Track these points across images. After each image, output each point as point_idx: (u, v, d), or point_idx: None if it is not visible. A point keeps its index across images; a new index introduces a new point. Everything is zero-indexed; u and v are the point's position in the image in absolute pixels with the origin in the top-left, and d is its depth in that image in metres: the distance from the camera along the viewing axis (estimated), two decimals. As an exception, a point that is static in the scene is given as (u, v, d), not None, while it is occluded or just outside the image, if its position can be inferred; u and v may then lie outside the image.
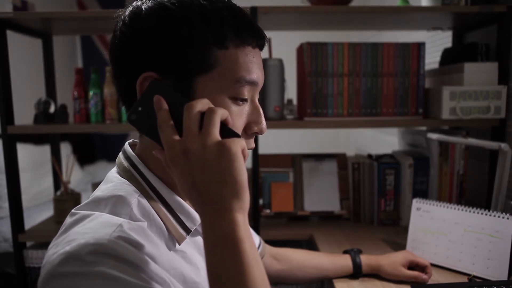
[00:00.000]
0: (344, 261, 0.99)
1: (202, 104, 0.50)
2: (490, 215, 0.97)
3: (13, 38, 1.41)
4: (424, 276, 0.93)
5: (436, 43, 1.74)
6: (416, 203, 1.10)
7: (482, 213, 0.98)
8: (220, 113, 0.50)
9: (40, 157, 2.66)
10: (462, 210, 1.01)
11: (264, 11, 1.23)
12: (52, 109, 1.46)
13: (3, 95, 1.29)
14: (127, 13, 0.58)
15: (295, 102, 1.48)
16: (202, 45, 0.54)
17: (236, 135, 0.52)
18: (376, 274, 0.99)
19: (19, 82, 2.16)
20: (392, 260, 0.97)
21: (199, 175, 0.48)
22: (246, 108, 0.59)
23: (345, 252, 1.04)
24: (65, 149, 3.01)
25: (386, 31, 2.26)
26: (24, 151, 2.39)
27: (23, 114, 1.78)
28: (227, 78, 0.55)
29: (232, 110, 0.56)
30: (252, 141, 0.62)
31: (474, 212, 0.99)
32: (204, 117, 0.50)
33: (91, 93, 1.38)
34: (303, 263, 0.98)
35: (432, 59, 1.65)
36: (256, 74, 0.58)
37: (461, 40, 1.53)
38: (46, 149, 2.69)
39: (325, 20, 1.41)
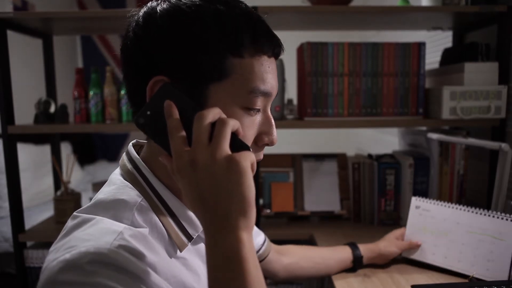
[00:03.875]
0: (344, 250, 1.02)
1: (213, 114, 0.49)
2: (493, 216, 0.95)
3: (13, 38, 1.41)
4: (418, 243, 1.03)
5: (436, 43, 1.74)
6: (416, 201, 1.09)
7: (485, 214, 0.96)
8: (231, 125, 0.49)
9: (40, 157, 2.66)
10: (464, 210, 1.00)
11: (264, 11, 1.23)
12: (52, 109, 1.47)
13: (3, 95, 1.29)
14: (141, 13, 0.56)
15: (295, 102, 1.48)
16: (217, 51, 0.53)
17: (246, 148, 0.50)
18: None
19: (19, 82, 2.16)
20: (386, 239, 1.05)
21: (206, 189, 0.47)
22: (258, 118, 0.58)
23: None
24: (65, 149, 3.01)
25: (386, 31, 2.26)
26: (24, 151, 2.39)
27: (24, 114, 1.78)
28: (241, 88, 0.54)
29: (244, 120, 0.55)
30: (261, 152, 0.61)
31: (476, 212, 0.98)
32: (215, 129, 0.48)
33: (91, 93, 1.38)
34: (308, 254, 1.00)
35: (432, 59, 1.65)
36: (271, 84, 0.56)
37: (461, 40, 1.52)
38: (46, 149, 2.69)
39: (325, 20, 1.41)
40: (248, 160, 0.48)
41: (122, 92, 1.38)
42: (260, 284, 0.47)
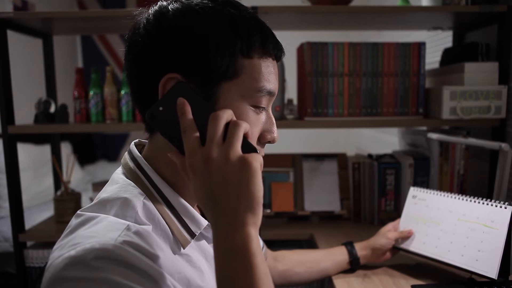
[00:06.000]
0: (339, 250, 1.02)
1: (227, 115, 0.51)
2: (487, 204, 0.92)
3: (14, 38, 1.41)
4: (409, 232, 1.02)
5: (436, 43, 1.74)
6: (413, 191, 1.08)
7: (479, 202, 0.94)
8: (244, 127, 0.51)
9: (40, 157, 2.66)
10: (459, 198, 0.98)
11: (264, 11, 1.23)
12: (52, 109, 1.47)
13: (3, 95, 1.29)
14: (151, 11, 0.57)
15: (295, 102, 1.48)
16: (230, 52, 0.55)
17: (254, 150, 0.52)
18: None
19: (19, 82, 2.17)
20: (377, 233, 1.05)
21: (219, 186, 0.49)
22: (262, 117, 0.60)
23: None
24: (66, 149, 3.01)
25: (386, 31, 2.26)
26: (25, 151, 2.39)
27: (24, 114, 1.78)
28: (250, 87, 0.57)
29: (251, 118, 0.58)
30: (263, 150, 0.63)
31: (471, 200, 0.95)
32: (229, 129, 0.50)
33: (91, 93, 1.38)
34: (302, 259, 1.00)
35: (432, 59, 1.65)
36: (274, 84, 0.59)
37: (461, 40, 1.52)
38: (46, 149, 2.69)
39: (325, 20, 1.41)
40: (258, 161, 0.50)
41: (122, 92, 1.38)
42: (268, 279, 0.48)
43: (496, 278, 0.85)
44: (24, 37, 1.50)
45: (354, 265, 1.01)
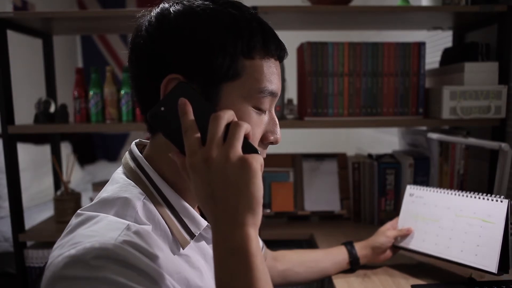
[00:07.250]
0: (339, 250, 1.02)
1: (228, 116, 0.51)
2: (483, 198, 0.92)
3: (13, 38, 1.41)
4: (408, 230, 1.02)
5: (436, 42, 1.74)
6: (410, 189, 1.08)
7: (475, 197, 0.94)
8: (245, 127, 0.51)
9: (40, 157, 2.66)
10: (455, 194, 0.98)
11: (264, 10, 1.23)
12: (52, 109, 1.47)
13: (3, 95, 1.29)
14: (153, 14, 0.58)
15: (295, 102, 1.48)
16: (231, 53, 0.55)
17: (255, 151, 0.52)
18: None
19: (19, 82, 2.16)
20: (376, 232, 1.05)
21: (218, 186, 0.49)
22: (265, 117, 0.60)
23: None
24: (65, 149, 3.01)
25: (386, 31, 2.26)
26: (24, 151, 2.39)
27: (23, 114, 1.78)
28: (252, 88, 0.57)
29: (253, 119, 0.58)
30: (265, 151, 0.63)
31: (467, 196, 0.95)
32: (229, 130, 0.50)
33: (91, 93, 1.38)
34: (302, 259, 1.00)
35: (432, 59, 1.65)
36: (277, 85, 0.59)
37: (461, 40, 1.52)
38: (46, 149, 2.69)
39: (325, 19, 1.41)
40: (259, 162, 0.50)
41: (122, 92, 1.38)
42: (267, 279, 0.48)
43: (496, 272, 0.85)
44: (24, 37, 1.50)
45: (354, 265, 1.01)
